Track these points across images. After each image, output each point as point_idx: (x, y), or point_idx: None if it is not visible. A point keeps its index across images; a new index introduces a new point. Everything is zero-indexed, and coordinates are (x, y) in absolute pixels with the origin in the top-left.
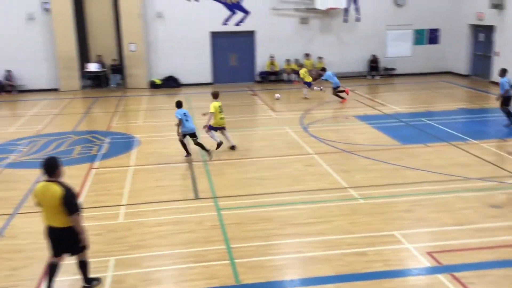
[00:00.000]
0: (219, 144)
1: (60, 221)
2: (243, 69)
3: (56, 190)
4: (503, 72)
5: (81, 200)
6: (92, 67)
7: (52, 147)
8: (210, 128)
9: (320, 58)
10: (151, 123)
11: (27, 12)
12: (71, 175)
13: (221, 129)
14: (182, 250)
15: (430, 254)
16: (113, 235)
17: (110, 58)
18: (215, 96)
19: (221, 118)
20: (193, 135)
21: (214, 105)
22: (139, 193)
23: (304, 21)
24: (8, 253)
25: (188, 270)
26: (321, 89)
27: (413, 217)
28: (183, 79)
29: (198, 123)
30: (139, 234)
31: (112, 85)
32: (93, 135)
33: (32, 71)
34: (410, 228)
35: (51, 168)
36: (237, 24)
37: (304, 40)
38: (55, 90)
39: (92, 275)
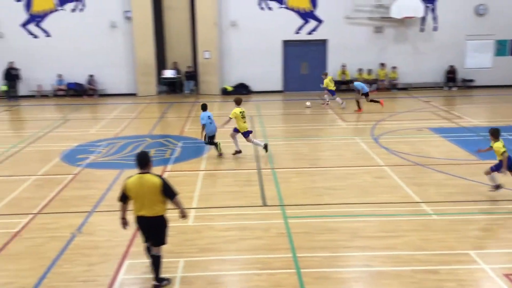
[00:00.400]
0: (238, 152)
1: (154, 210)
2: (314, 78)
3: (154, 179)
4: None
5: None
6: (168, 73)
7: (129, 149)
8: (236, 130)
9: (394, 68)
10: (222, 129)
11: (111, 21)
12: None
13: (247, 133)
14: (248, 256)
15: (507, 276)
16: (183, 237)
17: (185, 65)
18: (238, 102)
19: (244, 122)
20: (213, 136)
21: (235, 111)
22: (208, 197)
23: (378, 30)
24: (86, 249)
25: (254, 276)
26: (341, 104)
27: (490, 237)
28: (254, 86)
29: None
30: (207, 238)
31: (186, 91)
32: (167, 139)
33: (112, 76)
34: (487, 248)
35: (145, 161)
36: (310, 33)
37: (377, 49)
38: (133, 95)
39: (162, 275)
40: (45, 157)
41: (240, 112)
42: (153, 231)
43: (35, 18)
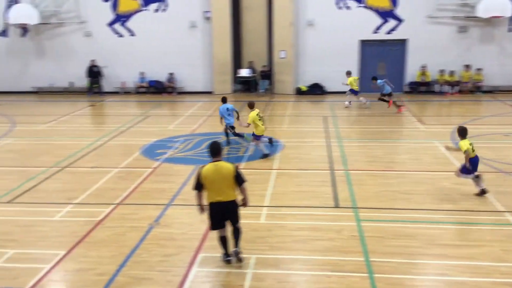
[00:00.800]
0: (266, 155)
1: (229, 195)
2: (391, 79)
3: (228, 166)
4: None
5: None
6: (244, 72)
7: (204, 145)
8: (256, 138)
9: (479, 69)
10: (295, 129)
11: (190, 21)
12: None
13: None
14: (319, 257)
15: None
16: (255, 234)
17: (260, 64)
18: (251, 106)
19: (262, 125)
20: (232, 127)
21: (252, 115)
22: (280, 196)
23: (462, 29)
24: (162, 240)
25: (324, 278)
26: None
27: None
28: (329, 87)
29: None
30: (279, 236)
31: (260, 90)
32: (241, 137)
33: (191, 75)
34: None
35: (218, 150)
36: (389, 32)
37: (460, 50)
38: (209, 93)
39: (231, 269)
40: (126, 151)
41: (257, 115)
42: (231, 213)
43: (121, 18)
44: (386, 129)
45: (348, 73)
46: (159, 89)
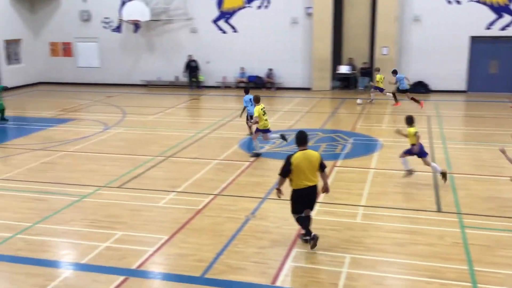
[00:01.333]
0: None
1: (314, 180)
2: (504, 78)
3: (315, 153)
4: None
5: (322, 195)
6: (343, 69)
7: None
8: (258, 130)
9: None
10: (395, 128)
11: (292, 17)
12: None
13: (266, 131)
14: (418, 262)
15: None
16: (349, 233)
17: (360, 61)
18: (257, 100)
19: (266, 120)
20: (252, 117)
21: (257, 109)
22: (377, 196)
23: None
24: (258, 233)
25: (423, 284)
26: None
27: None
28: (433, 85)
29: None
30: (375, 237)
31: (360, 88)
32: (338, 134)
33: (289, 71)
34: None
35: (306, 138)
36: (503, 29)
37: None
38: (307, 89)
39: (325, 267)
40: (226, 144)
41: (262, 109)
42: (313, 198)
43: (225, 15)
44: (496, 132)
45: (377, 70)
46: (258, 84)
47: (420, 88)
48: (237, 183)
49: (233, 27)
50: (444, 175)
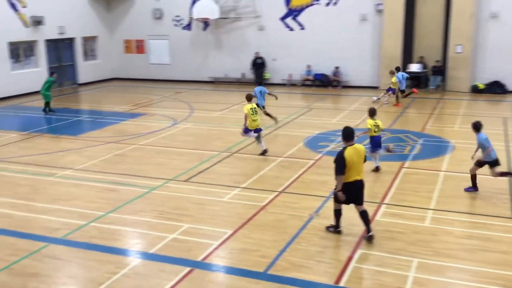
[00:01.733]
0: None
1: (362, 174)
2: None
3: (363, 148)
4: None
5: (388, 197)
6: (414, 67)
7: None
8: (246, 131)
9: None
10: (468, 129)
11: (361, 14)
12: (382, 170)
13: (257, 131)
14: (489, 270)
15: None
16: (417, 236)
17: (432, 59)
18: (248, 99)
19: (254, 120)
20: (263, 107)
21: (245, 107)
22: (448, 200)
23: None
24: (322, 232)
25: None
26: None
27: None
28: (510, 85)
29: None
30: (444, 242)
31: (431, 87)
32: (407, 135)
33: (357, 69)
34: None
35: (352, 134)
36: None
37: None
38: (375, 87)
39: (391, 270)
40: (290, 141)
41: (251, 109)
42: (361, 191)
43: (293, 12)
44: None
45: (392, 73)
46: (324, 83)
47: (496, 88)
48: (302, 181)
49: (300, 24)
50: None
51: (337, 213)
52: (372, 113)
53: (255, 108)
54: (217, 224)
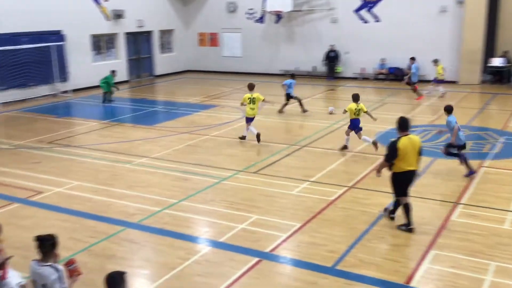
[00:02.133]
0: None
1: (417, 165)
2: None
3: (418, 139)
4: None
5: (465, 197)
6: (496, 62)
7: (443, 139)
8: (248, 119)
9: None
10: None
11: (441, 5)
12: (458, 169)
13: (250, 120)
14: None
15: None
16: (496, 239)
17: None
18: (250, 88)
19: (252, 109)
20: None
21: (245, 96)
22: None
23: None
24: (393, 229)
25: None
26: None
27: None
28: None
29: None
30: None
31: None
32: (487, 132)
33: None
34: None
35: (408, 124)
36: None
37: None
38: (453, 82)
39: (467, 272)
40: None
41: (249, 98)
42: (412, 182)
43: (368, 4)
44: None
45: (435, 62)
46: (398, 76)
47: None
48: (372, 177)
49: (375, 17)
50: (375, 144)
51: (406, 208)
52: (356, 97)
53: (253, 98)
54: (286, 216)
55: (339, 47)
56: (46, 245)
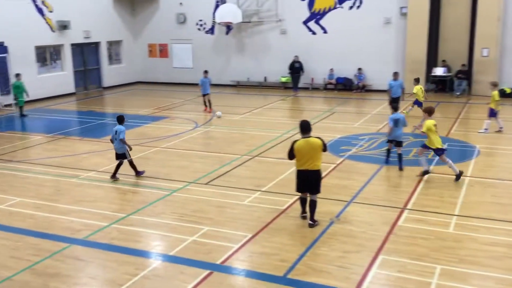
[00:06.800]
0: None
1: (315, 165)
2: None
3: (317, 140)
4: None
5: (411, 202)
6: (439, 71)
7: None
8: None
9: None
10: (494, 135)
11: (385, 17)
12: (404, 175)
13: None
14: None
15: None
16: (441, 243)
17: (457, 63)
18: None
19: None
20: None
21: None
22: (473, 206)
23: None
24: (342, 237)
25: None
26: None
27: None
28: None
29: None
30: (469, 249)
31: (456, 92)
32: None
33: (380, 72)
34: None
35: (309, 127)
36: None
37: None
38: None
39: (414, 276)
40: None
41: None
42: (314, 182)
43: (316, 16)
44: None
45: (416, 81)
46: (346, 86)
47: None
48: (323, 185)
49: (323, 28)
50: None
51: (300, 200)
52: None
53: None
54: (237, 227)
55: (289, 58)
56: None
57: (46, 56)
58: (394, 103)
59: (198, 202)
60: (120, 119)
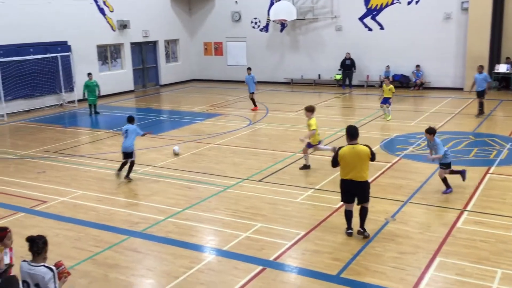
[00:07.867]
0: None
1: (362, 176)
2: None
3: (364, 148)
4: None
5: (471, 203)
6: (502, 68)
7: (449, 145)
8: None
9: None
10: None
11: (445, 12)
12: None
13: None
14: None
15: None
16: (502, 246)
17: None
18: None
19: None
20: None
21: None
22: None
23: None
24: (398, 237)
25: None
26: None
27: None
28: None
29: None
30: None
31: None
32: (493, 139)
33: (440, 69)
34: None
35: (356, 133)
36: None
37: None
38: (459, 89)
39: (473, 280)
40: (367, 144)
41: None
42: (360, 193)
43: (372, 12)
44: None
45: (387, 78)
46: (403, 84)
47: None
48: (377, 184)
49: (379, 24)
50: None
51: (345, 213)
52: (311, 109)
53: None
54: (290, 224)
55: (344, 55)
56: (39, 244)
57: (107, 54)
58: (480, 97)
59: (251, 199)
60: (130, 119)
